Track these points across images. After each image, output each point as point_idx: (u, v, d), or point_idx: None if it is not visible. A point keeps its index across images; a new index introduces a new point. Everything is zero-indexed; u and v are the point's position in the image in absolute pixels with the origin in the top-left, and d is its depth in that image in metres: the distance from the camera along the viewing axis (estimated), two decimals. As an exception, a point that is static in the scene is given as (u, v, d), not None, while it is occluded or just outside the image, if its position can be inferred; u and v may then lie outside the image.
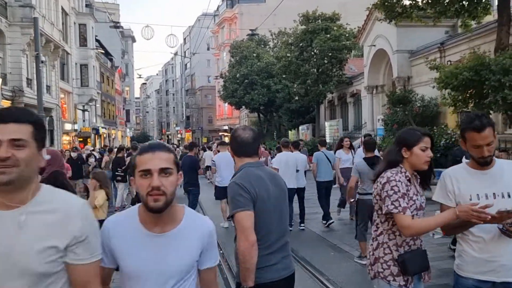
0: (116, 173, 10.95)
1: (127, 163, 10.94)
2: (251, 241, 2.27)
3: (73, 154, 12.35)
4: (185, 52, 77.61)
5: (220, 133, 57.91)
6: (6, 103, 20.05)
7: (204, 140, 58.53)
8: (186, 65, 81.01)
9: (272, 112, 34.47)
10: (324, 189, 8.45)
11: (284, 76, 27.20)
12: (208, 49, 64.80)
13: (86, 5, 39.43)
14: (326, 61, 23.99)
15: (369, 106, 20.94)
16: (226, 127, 56.23)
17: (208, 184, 14.60)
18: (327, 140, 24.77)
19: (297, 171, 7.92)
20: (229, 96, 34.66)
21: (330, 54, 23.57)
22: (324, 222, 8.43)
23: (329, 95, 26.36)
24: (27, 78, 21.74)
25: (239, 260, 2.34)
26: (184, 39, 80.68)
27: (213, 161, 8.69)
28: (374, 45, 19.13)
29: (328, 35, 23.59)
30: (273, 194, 2.48)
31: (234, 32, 47.49)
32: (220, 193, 8.26)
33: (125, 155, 12.10)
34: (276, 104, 32.08)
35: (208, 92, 66.70)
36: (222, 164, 8.38)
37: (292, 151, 8.30)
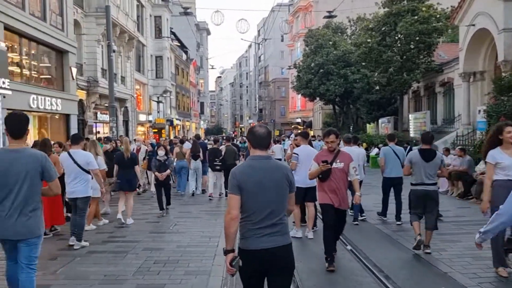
0: (215, 163, 11.59)
1: (223, 153, 11.61)
2: (231, 216, 2.98)
3: (107, 146, 10.79)
4: (258, 44, 77.03)
5: (292, 126, 56.48)
6: (82, 93, 20.26)
7: (276, 133, 57.39)
8: (259, 57, 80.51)
9: (349, 103, 32.24)
10: (391, 186, 8.34)
11: (363, 64, 24.97)
12: (282, 40, 63.53)
13: (162, -1, 39.85)
14: (412, 47, 21.42)
15: (465, 96, 18.18)
16: (299, 120, 54.67)
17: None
18: (412, 135, 22.53)
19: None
20: (303, 87, 32.99)
21: (417, 38, 20.97)
22: (382, 218, 8.45)
23: (414, 84, 23.72)
24: (102, 68, 21.89)
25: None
26: (258, 30, 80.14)
27: (296, 154, 7.09)
28: (473, 25, 16.42)
29: (415, 17, 21.00)
30: (264, 183, 3.02)
31: (309, 21, 45.54)
32: (300, 195, 6.79)
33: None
34: (354, 95, 29.84)
35: (281, 84, 65.47)
36: (306, 160, 6.82)
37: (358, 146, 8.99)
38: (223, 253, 3.08)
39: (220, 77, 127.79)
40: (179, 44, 45.49)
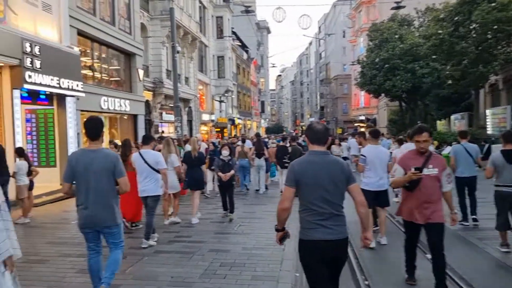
0: (284, 160, 11.71)
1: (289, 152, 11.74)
2: (283, 207, 3.24)
3: (159, 146, 9.57)
4: (319, 41, 75.85)
5: (355, 124, 54.92)
6: (148, 94, 20.92)
7: (339, 131, 56.13)
8: (320, 54, 79.34)
9: (417, 99, 30.63)
10: (465, 186, 7.89)
11: (433, 57, 23.56)
12: (343, 36, 62.05)
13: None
14: (489, 36, 19.81)
15: (552, 88, 16.49)
16: (362, 117, 53.02)
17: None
18: (489, 132, 20.83)
19: None
20: (367, 83, 31.86)
21: (494, 27, 19.34)
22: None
23: (491, 77, 21.94)
24: (167, 70, 22.49)
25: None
26: (319, 27, 78.94)
27: (363, 156, 6.56)
28: None
29: (493, 4, 19.39)
30: (321, 176, 3.18)
31: (372, 15, 43.94)
32: (370, 198, 6.37)
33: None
34: (422, 91, 28.29)
35: (344, 81, 63.96)
36: (375, 161, 6.45)
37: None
38: (274, 229, 3.47)
39: (280, 75, 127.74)
40: (240, 43, 45.88)
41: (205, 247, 6.52)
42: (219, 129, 36.51)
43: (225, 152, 8.78)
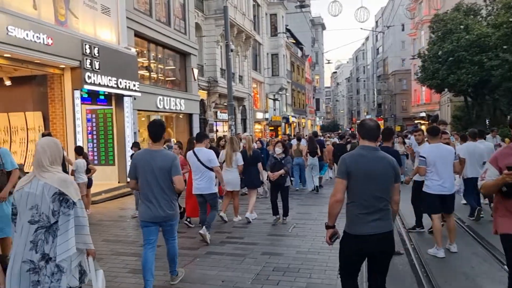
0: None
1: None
2: (336, 199, 3.31)
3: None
4: (377, 35, 73.44)
5: (415, 121, 52.50)
6: (203, 93, 21.10)
7: (398, 128, 53.93)
8: (377, 49, 76.79)
9: (485, 94, 28.54)
10: None
11: (504, 48, 21.78)
12: (402, 29, 59.51)
13: (278, -4, 40.06)
14: None
15: None
16: (423, 114, 50.51)
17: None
18: None
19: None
20: (429, 78, 30.13)
21: None
22: None
23: None
24: (221, 69, 22.58)
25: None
26: (376, 21, 76.40)
27: (423, 158, 5.95)
28: None
29: None
30: (371, 171, 3.27)
31: (434, 6, 41.64)
32: (434, 203, 5.87)
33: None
34: (491, 84, 26.25)
35: (402, 77, 61.38)
36: (438, 162, 5.83)
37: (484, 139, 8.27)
38: (325, 227, 3.49)
39: (335, 72, 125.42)
40: (294, 41, 45.38)
41: (257, 250, 6.26)
42: (273, 128, 36.30)
43: (278, 150, 7.99)
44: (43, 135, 8.77)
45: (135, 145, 9.63)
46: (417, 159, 6.46)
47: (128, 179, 4.84)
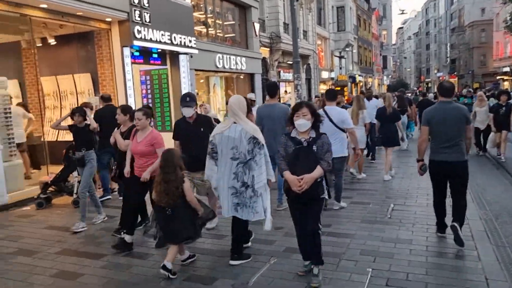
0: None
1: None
2: (422, 139, 4.75)
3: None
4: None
5: (497, 77, 47.15)
6: (265, 51, 19.30)
7: (476, 85, 48.85)
8: (452, -1, 69.58)
9: None
10: None
11: None
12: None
13: None
14: None
15: None
16: (506, 69, 45.09)
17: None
18: None
19: None
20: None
21: None
22: None
23: None
24: (284, 23, 20.52)
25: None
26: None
27: None
28: None
29: None
30: (445, 118, 4.51)
31: None
32: None
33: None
34: None
35: (482, 28, 55.04)
36: None
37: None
38: (416, 161, 4.91)
39: (401, 28, 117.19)
40: (360, -8, 41.62)
41: (354, 246, 4.62)
42: (339, 88, 33.77)
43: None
44: (103, 97, 7.72)
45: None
46: None
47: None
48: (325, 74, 29.44)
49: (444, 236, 4.75)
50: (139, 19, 9.61)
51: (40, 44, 9.95)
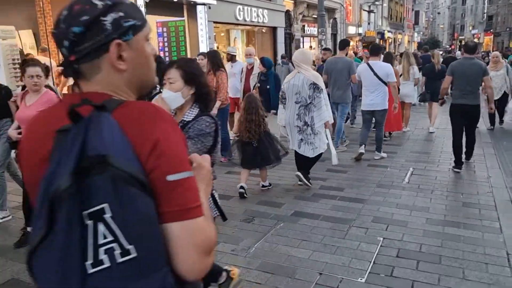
0: None
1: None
2: (445, 86, 5.93)
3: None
4: None
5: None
6: (289, 3, 18.47)
7: (512, 44, 46.17)
8: None
9: None
10: None
11: None
12: None
13: None
14: None
15: None
16: (549, 27, 42.27)
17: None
18: None
19: None
20: None
21: None
22: None
23: None
24: (310, -27, 19.41)
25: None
26: None
27: None
28: None
29: None
30: (465, 71, 5.57)
31: None
32: None
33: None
34: None
35: (525, -19, 51.22)
36: None
37: None
38: (438, 99, 6.39)
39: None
40: None
41: (365, 212, 4.37)
42: (366, 44, 32.46)
43: None
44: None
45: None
46: None
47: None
48: (352, 30, 28.21)
49: (459, 172, 5.67)
50: (153, -34, 9.15)
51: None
